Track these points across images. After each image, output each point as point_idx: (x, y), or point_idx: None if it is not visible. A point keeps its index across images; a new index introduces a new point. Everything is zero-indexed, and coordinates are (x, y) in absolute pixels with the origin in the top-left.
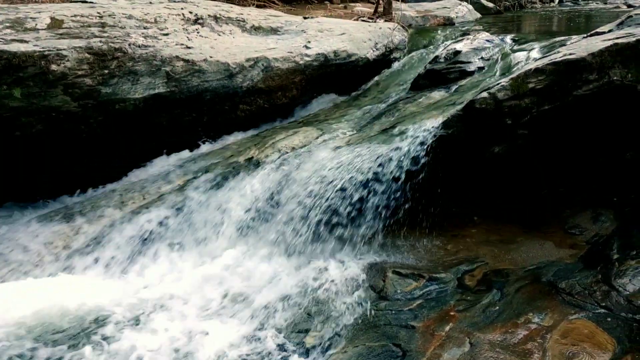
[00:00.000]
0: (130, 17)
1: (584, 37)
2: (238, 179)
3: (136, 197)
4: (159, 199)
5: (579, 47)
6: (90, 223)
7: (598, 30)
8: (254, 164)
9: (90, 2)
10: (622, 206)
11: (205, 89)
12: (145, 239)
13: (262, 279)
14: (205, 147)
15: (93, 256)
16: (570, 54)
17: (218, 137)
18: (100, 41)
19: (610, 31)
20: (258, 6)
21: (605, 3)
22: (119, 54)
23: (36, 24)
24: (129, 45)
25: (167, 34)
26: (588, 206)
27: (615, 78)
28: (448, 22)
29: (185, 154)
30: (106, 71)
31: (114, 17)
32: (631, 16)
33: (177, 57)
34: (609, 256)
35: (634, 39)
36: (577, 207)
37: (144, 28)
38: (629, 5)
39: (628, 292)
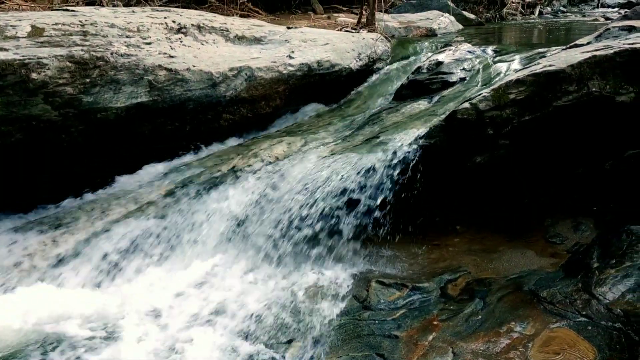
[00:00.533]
0: (112, 25)
1: (563, 49)
2: (221, 189)
3: (117, 207)
4: (140, 208)
5: (558, 58)
6: (69, 234)
7: (577, 42)
8: (237, 174)
9: (72, 11)
10: (601, 215)
11: (188, 98)
12: (126, 250)
13: (244, 289)
14: (188, 157)
15: (70, 268)
16: (550, 66)
17: (201, 146)
18: (82, 50)
19: (588, 43)
20: (242, 16)
21: (584, 16)
22: (101, 62)
23: (16, 32)
24: (111, 54)
25: (149, 43)
26: (569, 215)
27: (594, 89)
28: (430, 33)
29: (168, 163)
30: (88, 80)
31: (96, 26)
32: (609, 29)
33: (159, 66)
34: (589, 265)
35: (611, 51)
36: (558, 216)
37: (127, 37)
38: (607, 18)
39: (608, 301)
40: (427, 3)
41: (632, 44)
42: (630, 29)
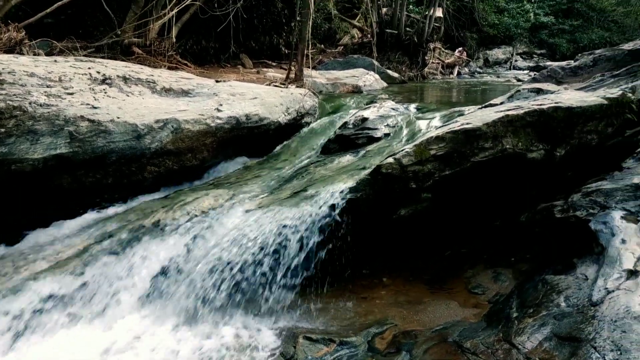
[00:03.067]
0: (32, 75)
1: (479, 108)
2: (143, 244)
3: (31, 264)
4: (56, 265)
5: (475, 117)
6: None
7: (492, 101)
8: (161, 228)
9: None
10: (519, 265)
11: (111, 149)
12: (39, 311)
13: (166, 352)
14: (110, 210)
15: None
16: (467, 124)
17: (124, 199)
18: None
19: (502, 103)
20: (170, 68)
21: (498, 77)
22: (18, 112)
23: None
24: (30, 103)
25: (72, 93)
26: (489, 266)
27: (508, 146)
28: (356, 90)
29: (89, 216)
30: (2, 130)
31: (14, 75)
32: (519, 90)
33: (82, 117)
34: (509, 315)
35: (522, 111)
36: (479, 266)
37: (47, 86)
38: (518, 80)
39: (527, 350)
40: (354, 61)
41: (540, 105)
42: (538, 91)
